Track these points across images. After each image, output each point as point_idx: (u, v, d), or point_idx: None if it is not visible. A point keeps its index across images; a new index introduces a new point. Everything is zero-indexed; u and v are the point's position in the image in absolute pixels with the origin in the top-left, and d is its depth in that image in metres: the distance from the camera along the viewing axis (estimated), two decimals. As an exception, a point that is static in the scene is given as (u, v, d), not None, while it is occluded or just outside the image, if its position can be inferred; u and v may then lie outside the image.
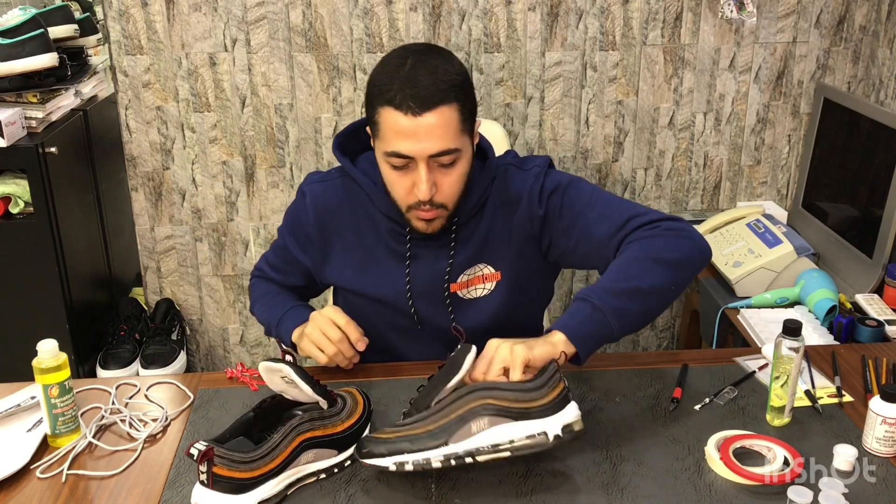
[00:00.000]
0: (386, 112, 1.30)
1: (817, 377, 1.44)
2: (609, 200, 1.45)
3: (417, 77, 1.29)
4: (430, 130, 1.29)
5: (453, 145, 1.32)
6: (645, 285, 1.30)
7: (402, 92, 1.28)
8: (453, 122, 1.31)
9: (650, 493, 1.16)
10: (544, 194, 1.45)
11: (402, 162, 1.33)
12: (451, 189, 1.37)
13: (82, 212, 2.32)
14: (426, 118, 1.28)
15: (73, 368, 1.61)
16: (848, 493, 1.11)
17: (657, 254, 1.33)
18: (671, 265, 1.34)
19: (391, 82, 1.30)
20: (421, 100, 1.28)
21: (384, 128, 1.32)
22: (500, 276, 1.49)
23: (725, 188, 2.61)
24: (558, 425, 1.14)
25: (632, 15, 2.39)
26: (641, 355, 2.19)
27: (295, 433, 1.15)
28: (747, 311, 2.03)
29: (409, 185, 1.35)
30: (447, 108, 1.29)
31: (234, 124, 2.42)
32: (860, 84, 2.51)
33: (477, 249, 1.48)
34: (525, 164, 1.49)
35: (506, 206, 1.47)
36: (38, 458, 1.26)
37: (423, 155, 1.31)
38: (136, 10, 2.30)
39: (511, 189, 1.47)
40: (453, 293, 1.49)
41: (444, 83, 1.29)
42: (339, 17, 2.34)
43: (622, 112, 2.50)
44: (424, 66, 1.30)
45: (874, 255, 2.06)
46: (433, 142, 1.30)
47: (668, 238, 1.37)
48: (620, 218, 1.40)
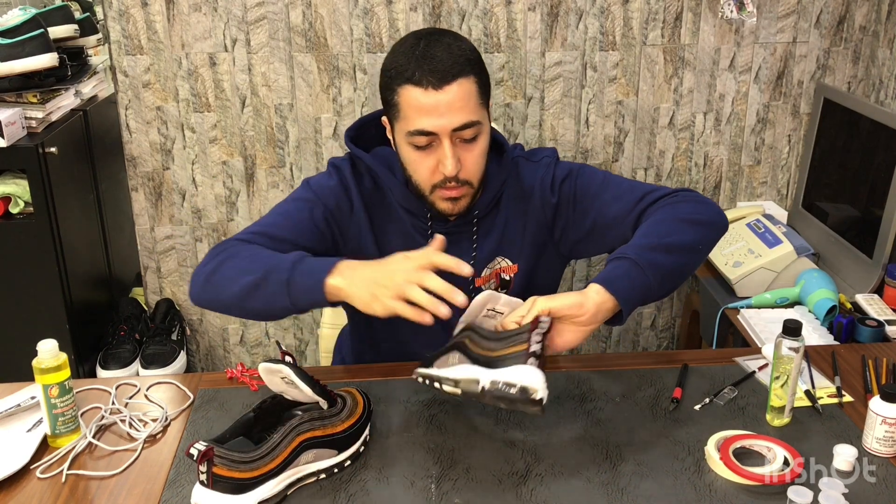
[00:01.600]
0: (406, 91, 1.31)
1: (817, 377, 1.44)
2: (621, 181, 1.48)
3: (434, 53, 1.30)
4: (451, 103, 1.30)
5: (475, 117, 1.33)
6: (677, 241, 1.32)
7: (420, 69, 1.29)
8: (473, 94, 1.32)
9: (650, 493, 1.16)
10: (556, 182, 1.47)
11: (425, 140, 1.33)
12: (474, 165, 1.37)
13: (82, 212, 2.32)
14: (447, 91, 1.29)
15: (73, 368, 1.61)
16: (848, 493, 1.11)
17: (683, 215, 1.37)
18: (698, 224, 1.37)
19: (408, 62, 1.31)
20: (440, 73, 1.29)
21: (405, 107, 1.32)
22: (517, 269, 1.50)
23: (725, 188, 2.61)
24: (489, 378, 1.14)
25: (632, 15, 2.39)
26: (641, 355, 2.19)
27: (295, 433, 1.15)
28: (747, 311, 2.03)
29: (433, 165, 1.35)
30: (466, 80, 1.31)
31: (234, 124, 2.42)
32: (860, 84, 2.51)
33: (496, 243, 1.49)
34: (534, 156, 1.51)
35: (519, 198, 1.49)
36: (38, 458, 1.26)
37: (446, 129, 1.31)
38: (136, 10, 2.30)
39: (523, 181, 1.49)
40: (478, 287, 1.50)
41: (460, 57, 1.31)
42: (339, 17, 2.34)
43: (622, 112, 2.50)
44: (439, 43, 1.32)
45: (874, 255, 2.06)
46: (455, 115, 1.31)
47: (689, 203, 1.40)
48: (635, 195, 1.43)
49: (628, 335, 2.78)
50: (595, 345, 2.77)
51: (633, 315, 2.72)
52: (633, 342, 2.79)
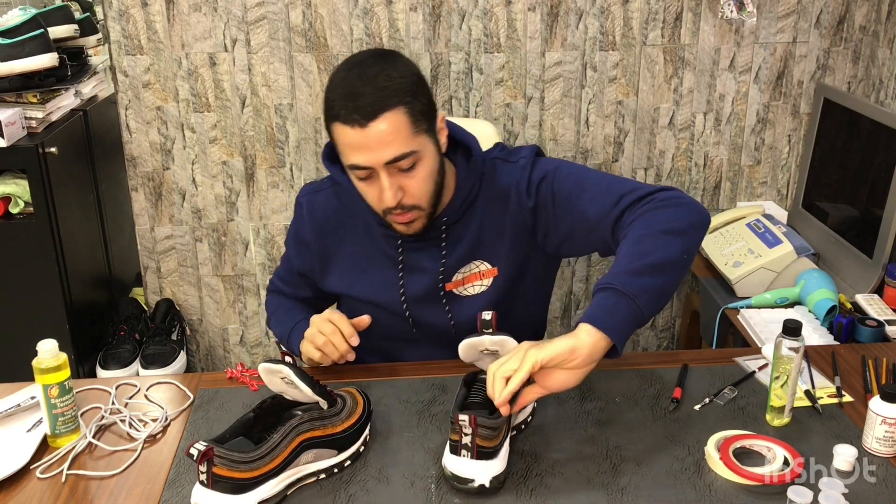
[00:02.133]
0: (336, 128, 1.31)
1: (817, 377, 1.44)
2: (598, 179, 1.44)
3: (357, 89, 1.28)
4: (379, 138, 1.28)
5: (407, 149, 1.30)
6: (662, 259, 1.27)
7: (345, 107, 1.28)
8: (402, 125, 1.29)
9: (650, 493, 1.16)
10: (532, 185, 1.44)
11: (364, 173, 1.33)
12: (418, 190, 1.35)
13: (82, 212, 2.32)
14: (373, 128, 1.27)
15: (73, 368, 1.61)
16: (848, 493, 1.11)
17: (662, 226, 1.31)
18: (679, 234, 1.31)
19: (335, 99, 1.31)
20: (363, 110, 1.27)
21: (339, 144, 1.33)
22: (496, 272, 1.49)
23: (725, 188, 2.61)
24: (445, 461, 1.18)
25: (632, 15, 2.39)
26: (641, 355, 2.19)
27: (295, 433, 1.15)
28: (747, 311, 2.03)
29: (377, 193, 1.35)
30: (392, 113, 1.28)
31: (234, 124, 2.42)
32: (860, 84, 2.51)
33: (471, 247, 1.47)
34: (512, 156, 1.49)
35: (497, 200, 1.47)
36: (38, 458, 1.26)
37: (379, 163, 1.30)
38: (136, 10, 2.30)
39: (500, 183, 1.46)
40: (449, 291, 1.49)
41: (385, 90, 1.28)
42: (339, 17, 2.34)
43: (622, 112, 2.50)
44: (364, 76, 1.30)
45: (874, 255, 2.06)
46: (385, 149, 1.29)
47: (668, 209, 1.34)
48: (613, 196, 1.38)
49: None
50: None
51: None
52: (633, 342, 2.79)
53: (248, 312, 2.62)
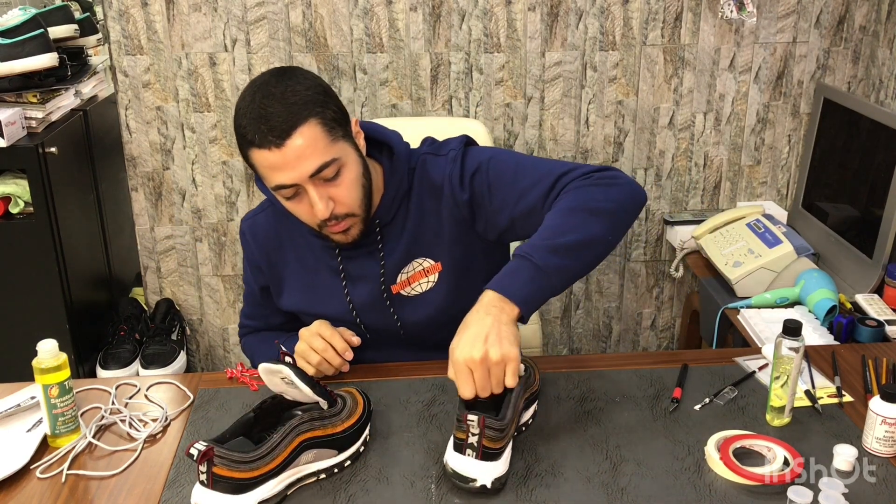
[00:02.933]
0: (254, 154, 1.30)
1: (817, 377, 1.44)
2: (535, 164, 1.42)
3: (267, 110, 1.27)
4: (298, 154, 1.28)
5: (328, 157, 1.30)
6: (584, 237, 1.27)
7: (259, 131, 1.27)
8: (318, 136, 1.29)
9: (650, 493, 1.16)
10: (465, 177, 1.43)
11: (290, 191, 1.32)
12: (348, 197, 1.35)
13: (82, 212, 2.32)
14: (289, 145, 1.27)
15: (73, 368, 1.61)
16: (848, 493, 1.11)
17: (592, 203, 1.30)
18: (607, 214, 1.31)
19: (248, 125, 1.29)
20: (277, 130, 1.27)
21: (260, 168, 1.32)
22: (440, 267, 1.47)
23: (725, 188, 2.61)
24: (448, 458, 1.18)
25: (632, 15, 2.39)
26: (641, 355, 2.19)
27: (295, 433, 1.15)
28: (747, 311, 2.03)
29: (308, 209, 1.34)
30: (306, 126, 1.28)
31: (234, 124, 2.42)
32: (860, 84, 2.51)
33: (409, 245, 1.47)
34: (441, 150, 1.48)
35: (430, 195, 1.46)
36: (38, 458, 1.26)
37: (302, 178, 1.29)
38: (136, 10, 2.30)
39: (432, 178, 1.45)
40: (396, 294, 1.49)
41: (293, 105, 1.28)
42: (339, 17, 2.34)
43: (622, 112, 2.50)
44: (270, 96, 1.29)
45: (874, 255, 2.06)
46: (306, 163, 1.28)
47: (600, 187, 1.34)
48: (550, 179, 1.38)
49: (628, 335, 2.78)
50: (595, 345, 2.77)
51: (632, 315, 2.73)
52: (633, 342, 2.79)
53: (248, 312, 2.62)
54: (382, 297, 1.49)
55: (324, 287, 1.51)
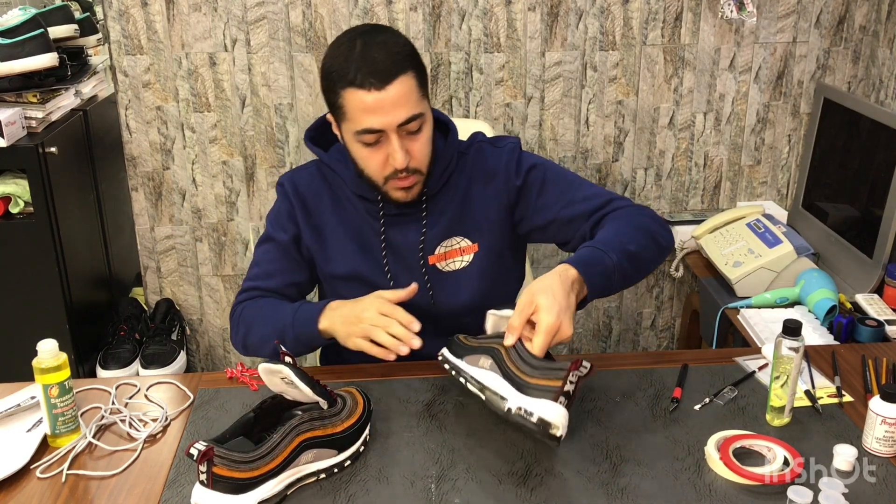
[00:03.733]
0: (350, 93, 1.35)
1: (817, 377, 1.44)
2: (587, 183, 1.56)
3: (371, 54, 1.34)
4: (395, 101, 1.35)
5: (417, 110, 1.38)
6: (644, 256, 1.42)
7: (361, 71, 1.34)
8: (413, 88, 1.37)
9: (650, 493, 1.16)
10: (522, 167, 1.53)
11: (373, 138, 1.38)
12: (421, 153, 1.42)
13: (82, 212, 2.32)
14: (389, 90, 1.34)
15: (73, 368, 1.61)
16: (848, 493, 1.11)
17: (654, 233, 1.46)
18: (660, 247, 1.47)
19: (348, 65, 1.35)
20: (380, 74, 1.33)
21: (351, 108, 1.37)
22: (477, 248, 1.53)
23: (725, 188, 2.61)
24: (517, 403, 1.16)
25: (632, 15, 2.39)
26: (641, 355, 2.19)
27: (295, 433, 1.15)
28: (747, 311, 2.03)
29: (383, 159, 1.40)
30: (406, 76, 1.35)
31: (234, 124, 2.42)
32: (860, 84, 2.51)
33: (451, 222, 1.52)
34: (498, 142, 1.57)
35: (481, 180, 1.53)
36: (38, 458, 1.26)
37: (392, 125, 1.36)
38: (136, 10, 2.30)
39: (487, 164, 1.54)
40: (432, 265, 1.52)
41: (397, 55, 1.36)
42: (339, 17, 2.34)
43: (622, 112, 2.50)
44: (374, 43, 1.36)
45: (874, 255, 2.06)
46: (399, 111, 1.35)
47: (656, 222, 1.49)
48: (601, 199, 1.50)
49: (628, 335, 2.78)
50: (595, 345, 2.77)
51: (632, 315, 2.73)
52: (633, 342, 2.79)
53: (248, 312, 2.62)
54: (419, 266, 1.52)
55: (361, 251, 1.53)
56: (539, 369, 1.19)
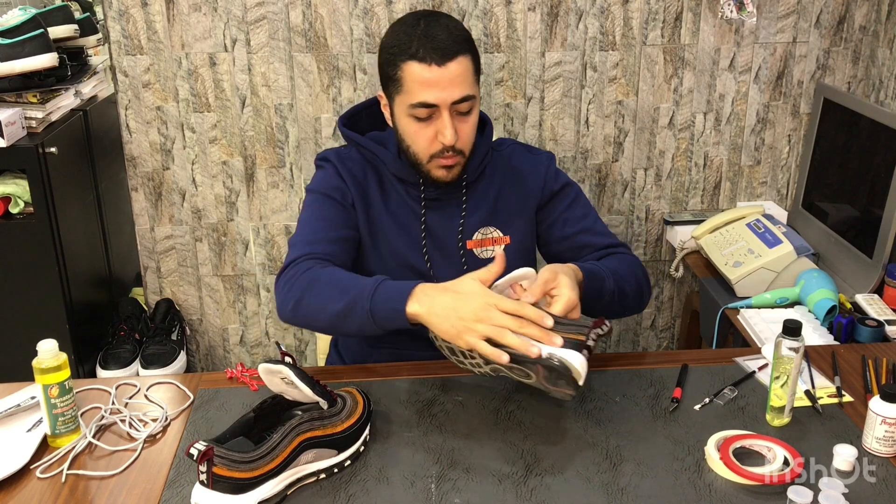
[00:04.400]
0: (410, 66, 1.41)
1: (817, 377, 1.44)
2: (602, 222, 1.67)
3: (435, 32, 1.41)
4: (452, 78, 1.41)
5: (471, 91, 1.45)
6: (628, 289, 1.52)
7: (423, 46, 1.40)
8: (470, 70, 1.44)
9: (650, 493, 1.16)
10: (560, 178, 1.64)
11: (426, 112, 1.43)
12: (468, 135, 1.49)
13: (82, 212, 2.32)
14: (449, 67, 1.41)
15: (73, 368, 1.61)
16: (848, 493, 1.11)
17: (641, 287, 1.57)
18: (640, 300, 1.58)
19: (410, 40, 1.42)
20: (442, 51, 1.40)
21: (409, 81, 1.42)
22: (508, 241, 1.60)
23: (725, 188, 2.61)
24: (552, 351, 1.19)
25: (632, 15, 2.39)
26: (641, 355, 2.19)
27: (295, 433, 1.15)
28: (747, 311, 2.03)
29: (431, 135, 1.45)
30: (464, 57, 1.43)
31: (234, 124, 2.42)
32: (860, 84, 2.51)
33: (487, 213, 1.59)
34: (533, 150, 1.68)
35: (515, 179, 1.62)
36: (38, 458, 1.26)
37: (446, 102, 1.42)
38: (136, 10, 2.30)
39: (522, 166, 1.63)
40: (469, 250, 1.58)
41: (458, 36, 1.43)
42: (339, 17, 2.34)
43: (622, 112, 2.50)
44: (437, 23, 1.43)
45: (874, 255, 2.06)
46: (455, 88, 1.42)
47: (646, 278, 1.61)
48: (612, 240, 1.62)
49: (628, 335, 2.78)
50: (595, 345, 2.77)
51: (633, 315, 2.72)
52: (633, 342, 2.79)
53: (248, 312, 2.62)
54: (457, 249, 1.58)
55: (401, 232, 1.57)
56: (563, 324, 1.24)
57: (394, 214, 1.57)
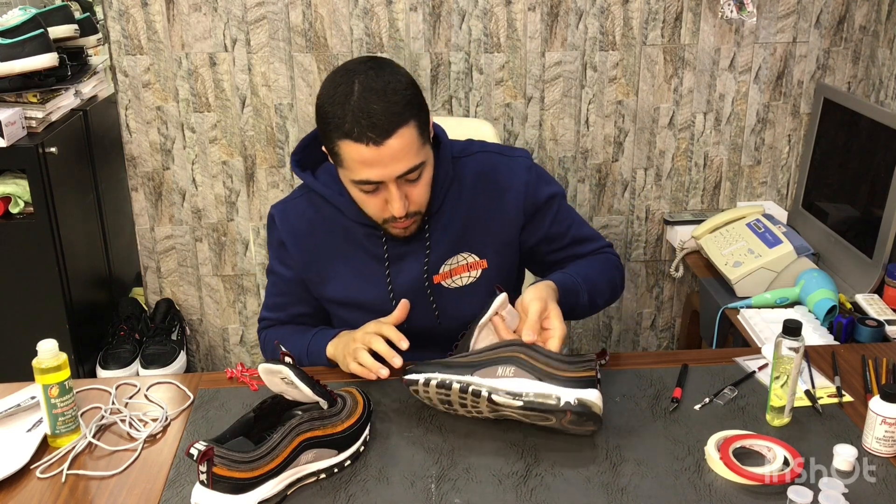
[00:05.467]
0: (346, 145, 1.29)
1: (817, 377, 1.44)
2: (586, 223, 1.62)
3: (369, 105, 1.26)
4: (393, 155, 1.29)
5: (417, 161, 1.33)
6: (600, 301, 1.54)
7: (357, 124, 1.26)
8: (414, 139, 1.31)
9: (650, 493, 1.16)
10: (542, 189, 1.51)
11: (372, 187, 1.34)
12: (421, 197, 1.39)
13: (82, 212, 2.32)
14: (388, 145, 1.28)
15: (73, 368, 1.61)
16: (848, 493, 1.11)
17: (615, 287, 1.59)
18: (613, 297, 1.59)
19: (344, 114, 1.27)
20: (379, 129, 1.26)
21: (347, 159, 1.31)
22: (486, 265, 1.50)
23: (725, 188, 2.61)
24: (574, 396, 1.20)
25: (632, 15, 2.39)
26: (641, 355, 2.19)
27: (295, 433, 1.15)
28: (747, 311, 2.03)
29: (381, 204, 1.36)
30: (405, 128, 1.29)
31: (234, 124, 2.42)
32: (860, 84, 2.51)
33: (457, 237, 1.48)
34: (508, 152, 1.53)
35: (490, 192, 1.48)
36: (38, 458, 1.26)
37: (391, 177, 1.31)
38: (136, 10, 2.30)
39: (498, 176, 1.49)
40: (437, 284, 1.50)
41: (397, 105, 1.28)
42: (339, 17, 2.34)
43: (622, 112, 2.50)
44: (372, 90, 1.27)
45: (874, 255, 2.06)
46: (399, 164, 1.30)
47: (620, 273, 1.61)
48: (596, 245, 1.59)
49: (628, 335, 2.78)
50: (595, 345, 2.77)
51: (632, 315, 2.72)
52: (633, 342, 2.79)
53: (248, 312, 2.62)
54: (424, 286, 1.49)
55: (365, 274, 1.50)
56: (570, 363, 1.25)
57: (353, 260, 1.50)
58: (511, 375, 1.23)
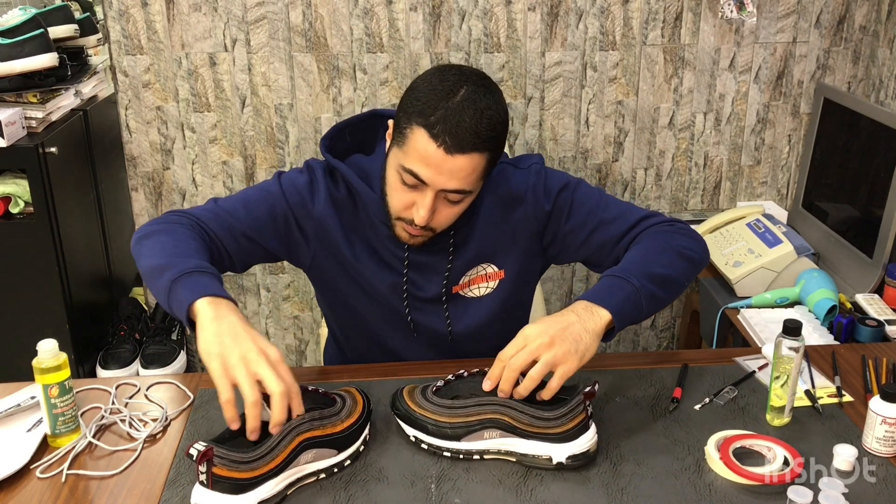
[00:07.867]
0: (419, 133, 1.26)
1: (817, 377, 1.44)
2: (617, 202, 1.49)
3: (463, 115, 1.24)
4: (454, 171, 1.27)
5: (469, 187, 1.31)
6: (673, 275, 1.36)
7: (443, 124, 1.24)
8: (479, 168, 1.29)
9: (650, 493, 1.16)
10: (550, 191, 1.45)
11: (413, 181, 1.29)
12: (447, 220, 1.36)
13: (82, 212, 2.32)
14: (455, 159, 1.25)
15: (73, 368, 1.61)
16: (848, 493, 1.11)
17: (681, 249, 1.40)
18: (691, 262, 1.40)
19: (436, 107, 1.25)
20: (457, 140, 1.24)
21: (412, 145, 1.27)
22: (503, 275, 1.48)
23: (725, 188, 2.61)
24: (564, 454, 1.18)
25: (632, 15, 2.39)
26: (641, 355, 2.19)
27: (294, 433, 1.15)
28: (747, 311, 2.03)
29: (409, 201, 1.32)
30: (478, 154, 1.27)
31: (234, 124, 2.42)
32: (860, 84, 2.51)
33: (477, 250, 1.46)
34: (521, 163, 1.48)
35: (507, 205, 1.46)
36: (38, 458, 1.26)
37: (437, 186, 1.28)
38: (136, 10, 2.30)
39: (512, 188, 1.45)
40: (455, 294, 1.48)
41: (485, 131, 1.26)
42: (339, 17, 2.34)
43: (622, 112, 2.50)
44: (473, 104, 1.25)
45: (874, 255, 2.06)
46: (452, 180, 1.28)
47: (685, 237, 1.44)
48: (632, 218, 1.45)
49: (628, 335, 2.78)
50: (595, 345, 2.77)
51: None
52: (633, 342, 2.79)
53: (248, 312, 2.62)
54: (440, 296, 1.46)
55: (380, 273, 1.45)
56: (559, 418, 1.19)
57: (375, 255, 1.45)
58: (497, 437, 1.21)
